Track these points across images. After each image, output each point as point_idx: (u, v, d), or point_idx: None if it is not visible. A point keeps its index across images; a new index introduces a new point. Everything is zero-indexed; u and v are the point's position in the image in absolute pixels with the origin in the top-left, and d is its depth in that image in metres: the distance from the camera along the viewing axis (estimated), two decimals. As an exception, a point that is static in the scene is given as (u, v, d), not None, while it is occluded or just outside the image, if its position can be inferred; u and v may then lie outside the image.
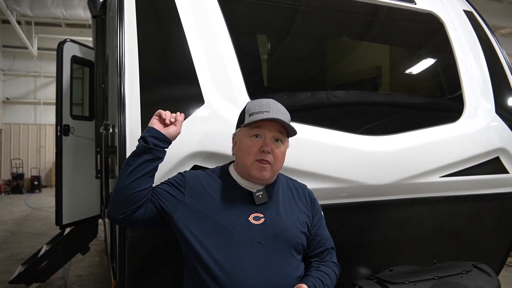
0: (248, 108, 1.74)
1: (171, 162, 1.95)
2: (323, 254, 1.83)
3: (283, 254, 1.66)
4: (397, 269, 2.27)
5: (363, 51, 2.88)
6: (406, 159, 2.45)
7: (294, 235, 1.70)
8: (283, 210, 1.73)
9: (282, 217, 1.71)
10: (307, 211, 1.82)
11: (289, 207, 1.76)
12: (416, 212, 2.59)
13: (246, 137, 1.70)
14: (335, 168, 2.25)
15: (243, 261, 1.59)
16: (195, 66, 2.07)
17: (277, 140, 1.70)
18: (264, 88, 2.37)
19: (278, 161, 1.71)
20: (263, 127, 1.67)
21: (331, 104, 2.45)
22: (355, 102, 2.58)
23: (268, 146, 1.66)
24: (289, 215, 1.73)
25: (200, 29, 2.17)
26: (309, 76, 2.65)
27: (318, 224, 1.85)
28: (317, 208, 1.88)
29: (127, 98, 1.94)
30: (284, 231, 1.68)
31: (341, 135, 2.29)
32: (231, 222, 1.64)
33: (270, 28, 2.54)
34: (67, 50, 4.46)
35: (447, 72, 2.88)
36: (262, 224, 1.66)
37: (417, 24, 2.96)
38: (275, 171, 1.74)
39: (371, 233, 2.49)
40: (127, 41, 2.02)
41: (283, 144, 1.73)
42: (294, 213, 1.76)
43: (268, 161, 1.66)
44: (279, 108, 1.70)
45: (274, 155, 1.68)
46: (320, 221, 1.87)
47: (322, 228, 1.87)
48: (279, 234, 1.67)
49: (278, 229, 1.67)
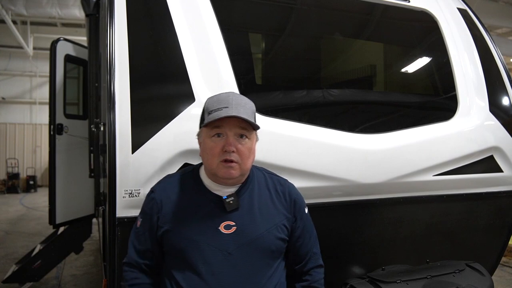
0: (206, 106, 1.60)
1: (161, 161, 1.93)
2: (309, 270, 1.72)
3: (256, 264, 1.55)
4: (390, 268, 2.25)
5: (356, 49, 2.86)
6: (399, 158, 2.44)
7: (269, 243, 1.58)
8: (258, 214, 1.60)
9: (256, 224, 1.58)
10: (286, 213, 1.66)
11: (265, 210, 1.62)
12: (409, 211, 2.58)
13: (208, 138, 1.58)
14: (328, 166, 2.24)
15: (210, 275, 1.51)
16: (186, 64, 2.06)
17: (241, 136, 1.56)
18: (256, 86, 2.35)
19: (245, 158, 1.56)
20: (223, 126, 1.54)
21: (324, 103, 2.43)
22: (348, 100, 2.57)
23: (231, 145, 1.53)
24: (265, 220, 1.60)
25: (191, 26, 2.15)
26: (302, 75, 2.63)
27: (302, 226, 1.70)
28: (299, 208, 1.70)
29: (117, 96, 1.92)
30: (258, 239, 1.56)
31: (334, 133, 2.28)
32: (200, 234, 1.55)
33: (262, 26, 2.52)
34: (61, 49, 4.44)
35: (441, 70, 2.87)
36: (234, 233, 1.55)
37: (411, 22, 2.94)
38: (244, 169, 1.59)
39: (364, 232, 2.48)
40: (117, 39, 2.00)
41: (248, 139, 1.57)
42: (271, 217, 1.62)
43: (234, 160, 1.53)
44: (240, 101, 1.56)
45: (240, 153, 1.54)
46: (304, 222, 1.72)
47: (306, 231, 1.73)
48: (252, 243, 1.55)
49: (251, 237, 1.55)
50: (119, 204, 1.91)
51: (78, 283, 5.17)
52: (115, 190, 1.89)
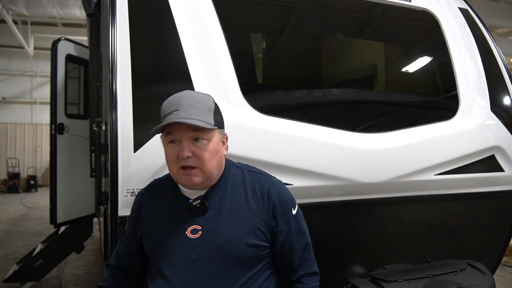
0: (161, 109, 1.50)
1: (163, 159, 1.92)
2: (300, 277, 1.57)
3: (220, 272, 1.43)
4: (391, 267, 2.26)
5: (357, 48, 2.87)
6: (400, 157, 2.44)
7: (236, 249, 1.43)
8: (227, 218, 1.47)
9: (223, 228, 1.45)
10: (263, 215, 1.48)
11: (237, 213, 1.48)
12: (410, 210, 2.58)
13: (165, 145, 1.49)
14: (329, 165, 2.24)
15: (177, 282, 1.43)
16: (188, 63, 2.06)
17: (197, 140, 1.42)
18: (257, 85, 2.35)
19: (205, 161, 1.43)
20: (174, 131, 1.43)
21: (325, 102, 2.43)
22: (349, 100, 2.57)
23: (184, 151, 1.41)
24: (234, 225, 1.46)
25: (192, 25, 2.15)
26: (303, 74, 2.64)
27: (287, 229, 1.52)
28: (282, 210, 1.52)
29: (119, 95, 1.92)
30: (223, 245, 1.43)
31: (335, 132, 2.28)
32: (169, 238, 1.48)
33: (264, 25, 2.53)
34: (62, 48, 4.44)
35: (442, 70, 2.87)
36: (199, 238, 1.44)
37: (412, 21, 2.95)
38: (208, 173, 1.45)
39: (364, 231, 2.48)
40: (119, 38, 2.00)
41: (207, 140, 1.44)
42: (242, 221, 1.47)
43: (192, 166, 1.42)
44: (191, 102, 1.43)
45: (198, 157, 1.42)
46: (291, 225, 1.53)
47: (295, 234, 1.54)
48: (218, 249, 1.43)
49: (217, 243, 1.43)
50: (121, 203, 1.91)
51: (79, 283, 5.17)
52: (117, 189, 1.89)
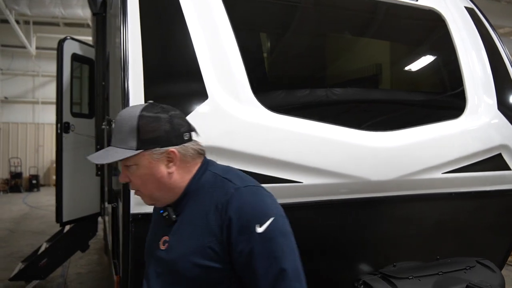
0: None
1: (175, 157, 1.94)
2: None
3: None
4: (401, 265, 2.27)
5: (365, 48, 2.88)
6: (409, 155, 2.45)
7: (183, 269, 1.29)
8: (186, 231, 1.33)
9: (181, 242, 1.33)
10: (218, 232, 1.26)
11: (192, 227, 1.32)
12: (418, 208, 2.59)
13: None
14: (338, 163, 2.25)
15: None
16: (199, 62, 2.07)
17: (128, 166, 1.34)
18: (268, 84, 2.37)
19: (142, 186, 1.35)
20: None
21: (334, 100, 2.45)
22: (358, 98, 2.58)
23: (121, 179, 1.38)
24: (186, 241, 1.31)
25: (203, 24, 2.16)
26: (312, 72, 2.65)
27: (247, 251, 1.22)
28: (240, 227, 1.24)
29: (131, 93, 1.93)
30: (174, 262, 1.31)
31: (344, 130, 2.29)
32: (149, 248, 1.46)
33: (274, 24, 2.54)
34: (67, 47, 4.46)
35: (449, 69, 2.88)
36: (165, 250, 1.35)
37: (419, 21, 2.96)
38: (152, 196, 1.38)
39: (373, 229, 2.49)
40: (130, 37, 2.01)
41: (135, 166, 1.32)
42: (195, 237, 1.29)
43: (135, 190, 1.38)
44: (118, 126, 1.34)
45: (132, 183, 1.36)
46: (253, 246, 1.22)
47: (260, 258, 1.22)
48: (173, 265, 1.32)
49: (170, 259, 1.33)
50: (133, 201, 1.92)
51: (83, 281, 5.20)
52: (129, 187, 1.90)
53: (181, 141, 1.34)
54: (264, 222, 1.24)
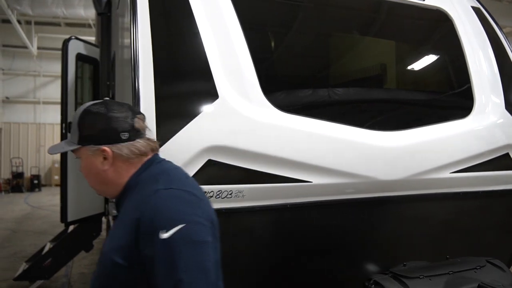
0: None
1: (186, 157, 1.94)
2: None
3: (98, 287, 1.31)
4: (411, 264, 2.27)
5: (374, 47, 2.88)
6: (417, 155, 2.45)
7: (105, 264, 1.28)
8: (115, 228, 1.34)
9: (109, 238, 1.34)
10: (132, 233, 1.22)
11: (119, 225, 1.33)
12: (426, 208, 2.59)
13: None
14: (347, 163, 2.24)
15: None
16: (209, 61, 2.07)
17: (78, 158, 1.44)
18: (277, 83, 2.36)
19: (87, 178, 1.44)
20: None
21: (343, 100, 2.45)
22: (367, 97, 2.58)
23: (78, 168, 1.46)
24: (112, 237, 1.33)
25: (212, 23, 2.16)
26: (322, 72, 2.65)
27: (151, 256, 1.17)
28: (145, 231, 1.19)
29: (141, 93, 1.93)
30: (101, 257, 1.31)
31: (353, 130, 2.29)
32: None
33: (284, 23, 2.53)
34: (72, 47, 4.45)
35: (457, 69, 2.88)
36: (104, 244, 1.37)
37: (426, 20, 2.96)
38: (95, 187, 1.46)
39: (381, 229, 2.49)
40: (140, 36, 2.01)
41: (80, 159, 1.42)
42: (119, 234, 1.28)
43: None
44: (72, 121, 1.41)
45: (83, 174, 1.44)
46: (156, 253, 1.16)
47: (161, 266, 1.16)
48: (100, 260, 1.31)
49: (102, 253, 1.32)
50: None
51: (87, 281, 5.19)
52: None
53: (116, 140, 1.36)
54: (170, 228, 1.16)
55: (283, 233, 2.26)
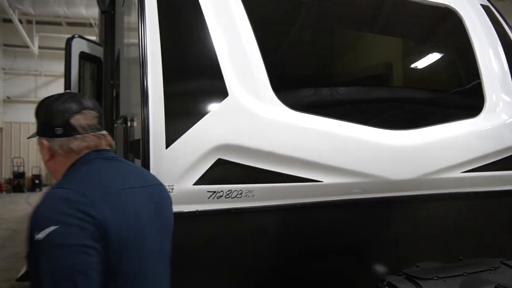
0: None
1: (195, 156, 1.91)
2: None
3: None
4: (424, 265, 2.23)
5: (383, 45, 2.84)
6: (428, 154, 2.42)
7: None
8: None
9: None
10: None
11: None
12: (437, 208, 2.56)
13: None
14: (358, 162, 2.21)
15: None
16: (218, 58, 2.03)
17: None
18: (287, 81, 2.33)
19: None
20: None
21: (353, 99, 2.42)
22: (377, 97, 2.55)
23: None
24: None
25: (221, 21, 2.12)
26: (331, 70, 2.62)
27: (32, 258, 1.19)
28: (29, 228, 1.19)
29: (150, 90, 1.89)
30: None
31: (363, 129, 2.26)
32: None
33: (293, 21, 2.50)
34: (75, 46, 4.40)
35: (467, 67, 2.84)
36: None
37: (435, 18, 2.92)
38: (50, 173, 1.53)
39: (392, 229, 2.46)
40: (148, 34, 1.97)
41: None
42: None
43: None
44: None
45: None
46: (33, 252, 1.17)
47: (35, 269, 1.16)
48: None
49: None
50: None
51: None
52: None
53: (51, 135, 1.37)
54: (39, 230, 1.14)
55: (293, 234, 2.23)
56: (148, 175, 1.56)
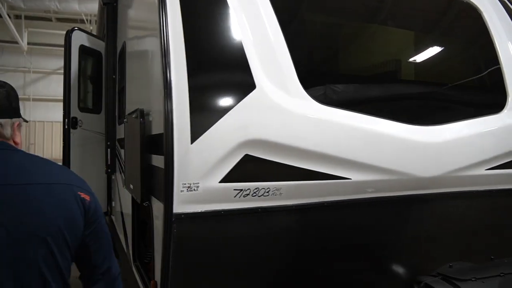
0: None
1: (221, 152, 1.80)
2: None
3: None
4: (457, 266, 2.16)
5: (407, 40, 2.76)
6: (454, 151, 2.35)
7: None
8: None
9: None
10: None
11: None
12: (460, 206, 2.49)
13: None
14: (387, 159, 2.13)
15: None
16: (245, 49, 1.92)
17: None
18: (315, 75, 2.23)
19: None
20: None
21: (381, 94, 2.33)
22: (405, 92, 2.47)
23: None
24: None
25: (246, 9, 2.00)
26: (358, 65, 2.53)
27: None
28: None
29: (174, 84, 1.77)
30: None
31: (392, 124, 2.17)
32: None
33: (320, 14, 2.40)
34: (75, 39, 4.25)
35: (488, 63, 2.77)
36: None
37: (458, 14, 2.85)
38: None
39: (418, 228, 2.39)
40: (170, 25, 1.84)
41: None
42: None
43: None
44: None
45: None
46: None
47: None
48: None
49: None
50: (177, 199, 1.76)
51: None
52: (172, 184, 1.75)
53: None
54: None
55: (320, 233, 2.13)
56: (36, 173, 1.42)
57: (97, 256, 1.46)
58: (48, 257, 1.29)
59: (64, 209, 1.36)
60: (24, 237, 1.27)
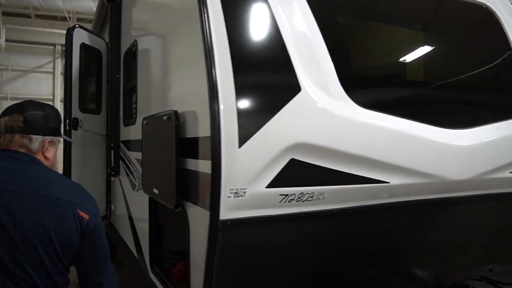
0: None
1: (269, 156, 1.75)
2: None
3: None
4: (496, 269, 2.17)
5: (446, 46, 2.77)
6: (482, 154, 2.38)
7: None
8: None
9: None
10: None
11: None
12: (486, 209, 2.52)
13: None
14: (424, 162, 2.12)
15: None
16: (289, 52, 1.87)
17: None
18: (357, 78, 2.20)
19: None
20: None
21: (419, 98, 2.33)
22: (443, 96, 2.46)
23: None
24: None
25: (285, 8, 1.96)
26: (397, 67, 2.52)
27: None
28: None
29: (219, 84, 1.71)
30: None
31: (428, 128, 2.17)
32: None
33: (361, 15, 2.37)
34: (77, 37, 4.09)
35: (510, 65, 2.82)
36: None
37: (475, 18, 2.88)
38: None
39: (445, 231, 2.39)
40: (212, 23, 1.77)
41: None
42: None
43: None
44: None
45: None
46: None
47: None
48: None
49: None
50: (223, 205, 1.70)
51: None
52: (219, 190, 1.68)
53: None
54: None
55: (359, 237, 2.11)
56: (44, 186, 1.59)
57: (92, 269, 1.65)
58: (36, 262, 1.48)
59: (60, 223, 1.52)
60: (20, 239, 1.46)
